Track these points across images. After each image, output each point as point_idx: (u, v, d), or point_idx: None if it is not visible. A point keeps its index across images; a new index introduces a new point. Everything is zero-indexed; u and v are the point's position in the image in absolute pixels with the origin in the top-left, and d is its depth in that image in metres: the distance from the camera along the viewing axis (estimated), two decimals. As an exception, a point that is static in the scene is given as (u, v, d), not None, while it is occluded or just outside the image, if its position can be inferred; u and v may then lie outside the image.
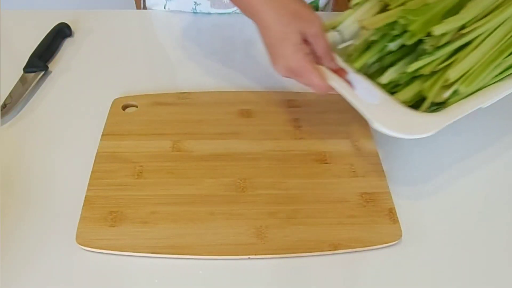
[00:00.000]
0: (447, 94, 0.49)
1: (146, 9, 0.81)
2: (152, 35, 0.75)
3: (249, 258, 0.46)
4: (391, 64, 0.52)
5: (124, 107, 0.60)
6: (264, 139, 0.56)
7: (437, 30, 0.48)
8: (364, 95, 0.50)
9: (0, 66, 0.66)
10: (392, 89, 0.52)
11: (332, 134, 0.57)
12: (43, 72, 0.65)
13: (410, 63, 0.50)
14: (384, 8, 0.55)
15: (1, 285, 0.43)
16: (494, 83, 0.52)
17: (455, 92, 0.49)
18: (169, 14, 0.78)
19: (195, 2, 0.76)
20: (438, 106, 0.50)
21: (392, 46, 0.51)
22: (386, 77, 0.51)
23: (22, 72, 0.64)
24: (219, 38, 0.75)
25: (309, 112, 0.60)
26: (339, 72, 0.51)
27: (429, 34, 0.49)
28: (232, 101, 0.61)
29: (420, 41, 0.50)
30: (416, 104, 0.51)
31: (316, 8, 0.83)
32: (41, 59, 0.66)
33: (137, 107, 0.60)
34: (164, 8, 0.79)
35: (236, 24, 0.76)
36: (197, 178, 0.51)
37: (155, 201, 0.49)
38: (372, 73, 0.54)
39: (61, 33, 0.72)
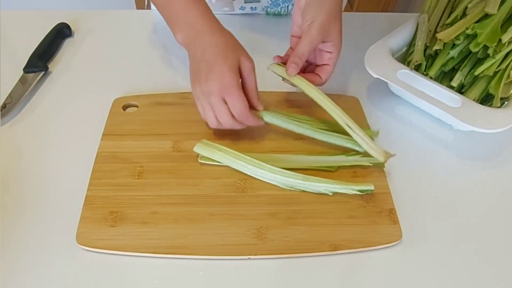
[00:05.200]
0: None
1: (150, 9, 0.80)
2: (152, 35, 0.74)
3: (249, 258, 0.46)
4: (453, 69, 0.59)
5: (125, 107, 0.60)
6: (264, 139, 0.56)
7: (505, 38, 0.54)
8: (445, 100, 0.54)
9: (0, 66, 0.66)
10: (457, 90, 0.58)
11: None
12: (43, 72, 0.65)
13: (470, 66, 0.57)
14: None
15: (1, 285, 0.43)
16: None
17: None
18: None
19: None
20: (504, 100, 0.57)
21: (453, 53, 0.58)
22: (455, 81, 0.58)
23: (22, 72, 0.64)
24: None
25: (309, 112, 0.60)
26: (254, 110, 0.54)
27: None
28: (232, 101, 0.61)
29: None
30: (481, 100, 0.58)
31: None
32: (41, 59, 0.66)
33: (137, 107, 0.60)
34: None
35: (236, 25, 0.76)
36: (197, 179, 0.52)
37: (156, 201, 0.49)
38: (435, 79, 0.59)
39: (61, 33, 0.72)
